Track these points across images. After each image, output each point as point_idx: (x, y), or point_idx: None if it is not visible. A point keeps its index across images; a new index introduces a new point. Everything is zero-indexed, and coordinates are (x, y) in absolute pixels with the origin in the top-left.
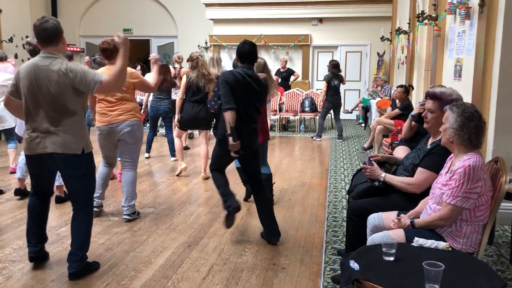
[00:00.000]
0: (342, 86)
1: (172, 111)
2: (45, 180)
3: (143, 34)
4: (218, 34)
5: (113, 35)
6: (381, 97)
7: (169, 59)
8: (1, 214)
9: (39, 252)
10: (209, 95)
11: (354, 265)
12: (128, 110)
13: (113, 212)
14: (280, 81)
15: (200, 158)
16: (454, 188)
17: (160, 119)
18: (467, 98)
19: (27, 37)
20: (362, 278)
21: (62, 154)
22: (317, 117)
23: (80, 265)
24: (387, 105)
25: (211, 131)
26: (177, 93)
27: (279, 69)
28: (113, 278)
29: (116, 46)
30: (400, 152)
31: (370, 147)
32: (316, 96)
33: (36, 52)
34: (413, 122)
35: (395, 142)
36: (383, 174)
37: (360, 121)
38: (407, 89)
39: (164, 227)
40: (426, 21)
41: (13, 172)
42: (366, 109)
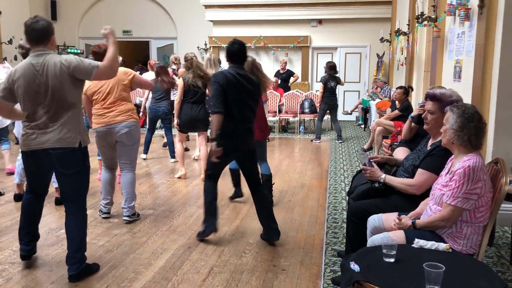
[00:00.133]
0: (342, 87)
1: (171, 112)
2: (40, 178)
3: (143, 36)
4: (218, 35)
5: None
6: (381, 98)
7: (169, 60)
8: (1, 216)
9: (30, 251)
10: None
11: (355, 266)
12: (126, 111)
13: (112, 214)
14: (279, 82)
15: (200, 160)
16: (454, 189)
17: (159, 121)
18: (467, 99)
19: None
20: (363, 279)
21: (58, 150)
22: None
23: (80, 267)
24: (386, 106)
25: (208, 132)
26: (175, 94)
27: (278, 71)
28: (113, 280)
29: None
30: (400, 153)
31: (370, 148)
32: (315, 98)
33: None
34: (412, 124)
35: (395, 143)
36: (383, 176)
37: (360, 122)
38: (406, 90)
39: (164, 229)
40: (425, 22)
41: (10, 173)
42: (366, 110)
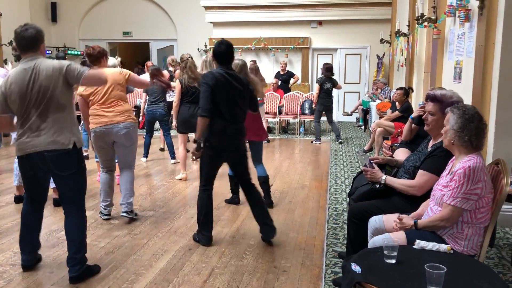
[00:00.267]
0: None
1: (168, 114)
2: (38, 183)
3: (143, 37)
4: (218, 37)
5: (112, 38)
6: (381, 100)
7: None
8: (2, 217)
9: (31, 261)
10: None
11: (356, 268)
12: (124, 112)
13: (113, 216)
14: (280, 83)
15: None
16: (454, 189)
17: (157, 123)
18: (467, 101)
19: None
20: (364, 281)
21: (53, 152)
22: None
23: (81, 268)
24: (387, 108)
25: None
26: (171, 95)
27: (278, 72)
28: (113, 281)
29: (101, 52)
30: (400, 154)
31: (370, 150)
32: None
33: None
34: (413, 125)
35: (395, 144)
36: (384, 177)
37: (360, 123)
38: (406, 92)
39: (164, 230)
40: (425, 23)
41: None
42: (366, 112)
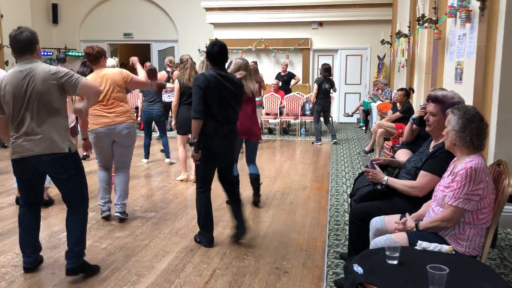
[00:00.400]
0: (343, 89)
1: (164, 114)
2: (33, 186)
3: (144, 39)
4: (219, 38)
5: (113, 39)
6: (382, 100)
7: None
8: (4, 219)
9: (33, 263)
10: None
11: (358, 268)
12: (124, 112)
13: (114, 217)
14: (280, 84)
15: None
16: (456, 190)
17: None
18: (469, 101)
19: None
20: (366, 281)
21: (49, 156)
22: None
23: (78, 261)
24: (388, 108)
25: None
26: (170, 96)
27: (279, 73)
28: (115, 282)
29: (99, 52)
30: (402, 155)
31: (371, 151)
32: None
33: None
34: (414, 125)
35: (397, 145)
36: (386, 178)
37: (361, 124)
38: (407, 92)
39: (166, 232)
40: (426, 24)
41: None
42: (367, 112)
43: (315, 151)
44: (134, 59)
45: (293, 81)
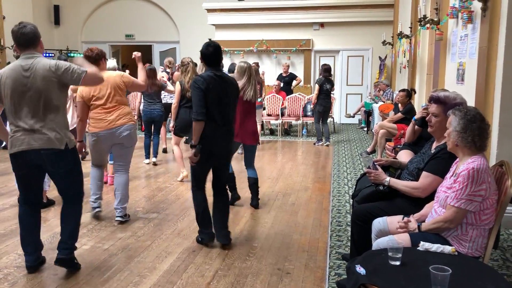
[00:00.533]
0: (344, 90)
1: (164, 115)
2: (31, 183)
3: (145, 40)
4: (220, 39)
5: (115, 41)
6: (383, 101)
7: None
8: (6, 220)
9: (36, 261)
10: None
11: (360, 269)
12: (125, 114)
13: (113, 218)
14: (282, 85)
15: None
16: (458, 191)
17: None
18: (470, 102)
19: None
20: (369, 282)
21: (48, 150)
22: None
23: (70, 253)
24: (389, 109)
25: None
26: (172, 97)
27: (281, 74)
28: (117, 283)
29: (99, 54)
30: (404, 156)
31: (373, 151)
32: None
33: None
34: (416, 126)
35: (398, 146)
36: (388, 179)
37: (362, 125)
38: (409, 93)
39: (168, 232)
40: (428, 25)
41: None
42: (369, 113)
43: (317, 152)
44: (137, 55)
45: (294, 82)
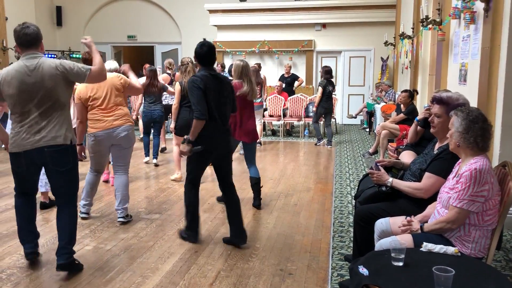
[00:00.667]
0: (346, 91)
1: (164, 116)
2: (30, 177)
3: (148, 41)
4: (222, 40)
5: (117, 42)
6: (385, 102)
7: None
8: (9, 220)
9: (34, 248)
10: None
11: (363, 270)
12: (123, 115)
13: (115, 218)
14: (284, 86)
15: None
16: (461, 191)
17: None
18: (473, 103)
19: None
20: (372, 283)
21: (52, 148)
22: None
23: (70, 258)
24: (392, 110)
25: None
26: (173, 98)
27: (283, 75)
28: (120, 284)
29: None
30: (406, 157)
31: (375, 152)
32: None
33: None
34: (418, 127)
35: (401, 146)
36: (390, 179)
37: (365, 126)
38: (411, 94)
39: (170, 233)
40: (430, 25)
41: None
42: (371, 114)
43: (319, 153)
44: (125, 68)
45: (296, 83)
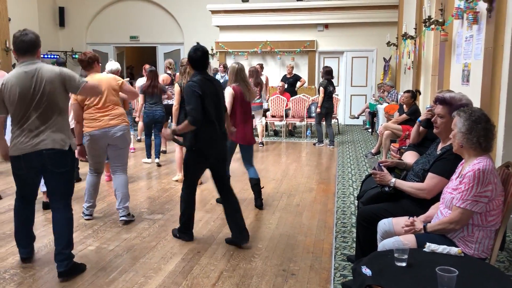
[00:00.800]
0: (348, 91)
1: (165, 116)
2: (30, 181)
3: (150, 42)
4: (224, 40)
5: (119, 42)
6: (388, 102)
7: (175, 66)
8: (12, 220)
9: (29, 253)
10: None
11: (366, 271)
12: (119, 115)
13: (115, 219)
14: (286, 87)
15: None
16: (464, 192)
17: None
18: (476, 103)
19: None
20: (375, 283)
21: (52, 150)
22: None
23: (69, 264)
24: (394, 110)
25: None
26: (167, 99)
27: (285, 75)
28: (123, 284)
29: (92, 58)
30: (409, 157)
31: (378, 153)
32: None
33: None
34: (421, 128)
35: (403, 147)
36: (393, 180)
37: (367, 126)
38: (414, 94)
39: None
40: (433, 26)
41: None
42: (373, 114)
43: (321, 153)
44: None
45: (298, 83)
